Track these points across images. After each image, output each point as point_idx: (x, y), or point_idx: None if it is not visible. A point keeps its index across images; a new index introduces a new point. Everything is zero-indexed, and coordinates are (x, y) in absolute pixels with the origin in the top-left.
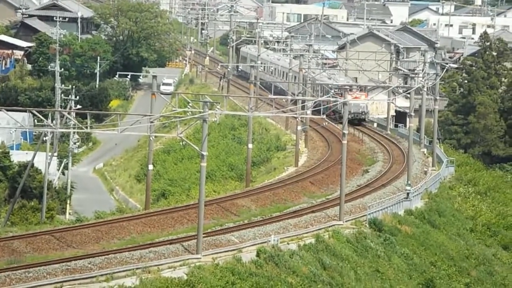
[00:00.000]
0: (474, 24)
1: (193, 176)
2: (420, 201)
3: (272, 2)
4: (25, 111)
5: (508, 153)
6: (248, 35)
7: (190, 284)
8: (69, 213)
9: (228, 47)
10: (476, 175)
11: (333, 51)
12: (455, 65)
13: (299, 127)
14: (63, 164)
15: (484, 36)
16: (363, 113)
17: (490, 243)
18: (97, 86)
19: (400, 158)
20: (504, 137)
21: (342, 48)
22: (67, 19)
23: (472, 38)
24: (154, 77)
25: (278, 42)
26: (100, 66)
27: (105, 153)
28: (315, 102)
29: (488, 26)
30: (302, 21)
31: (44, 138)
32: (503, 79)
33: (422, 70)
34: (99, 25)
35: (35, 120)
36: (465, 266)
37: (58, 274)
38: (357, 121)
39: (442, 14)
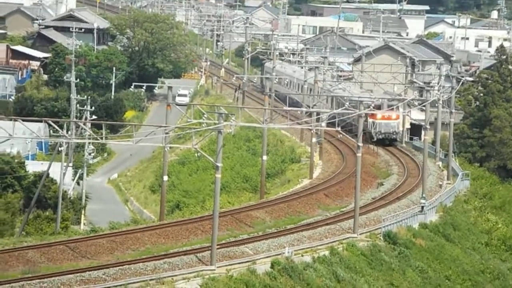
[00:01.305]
0: (490, 38)
1: (208, 187)
2: (435, 215)
3: (288, 14)
4: (40, 121)
5: None
6: (263, 47)
7: None
8: (84, 224)
9: (244, 58)
10: (492, 189)
11: (349, 64)
12: (471, 78)
13: (314, 139)
14: (78, 175)
15: (500, 49)
16: (394, 133)
17: (505, 257)
18: (112, 96)
19: (415, 172)
20: None
21: (357, 60)
22: (83, 30)
23: (488, 52)
24: (170, 88)
25: (293, 54)
26: (115, 77)
27: (120, 164)
28: (330, 115)
29: (505, 40)
30: (317, 33)
31: (60, 149)
32: None
33: (438, 83)
34: (115, 36)
35: (51, 131)
36: (480, 280)
37: (72, 284)
38: (389, 141)
39: (458, 27)
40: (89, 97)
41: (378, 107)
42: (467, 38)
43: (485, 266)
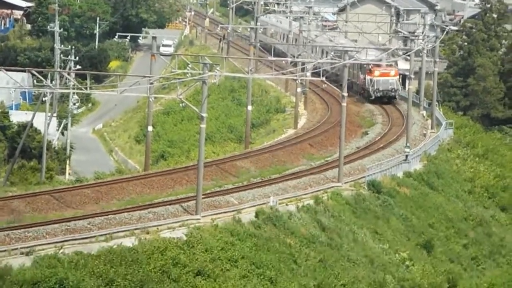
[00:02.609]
0: None
1: (193, 137)
2: (419, 163)
3: None
4: (24, 71)
5: (507, 115)
6: None
7: (189, 244)
8: (69, 174)
9: (228, 8)
10: (475, 137)
11: (333, 14)
12: (455, 28)
13: (299, 89)
14: (62, 125)
15: None
16: (393, 90)
17: (488, 205)
18: (96, 47)
19: (399, 121)
20: (504, 100)
21: (342, 10)
22: None
23: (473, 0)
24: (154, 38)
25: (278, 4)
26: (99, 27)
27: (105, 114)
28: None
29: None
30: None
31: (44, 99)
32: (503, 41)
33: (422, 33)
34: None
35: (35, 81)
36: (463, 227)
37: (57, 234)
38: (387, 99)
39: None
40: (73, 47)
41: (378, 64)
42: None
43: (468, 213)
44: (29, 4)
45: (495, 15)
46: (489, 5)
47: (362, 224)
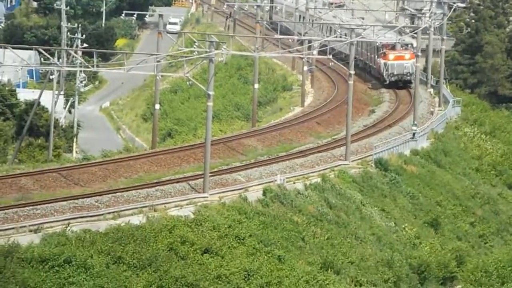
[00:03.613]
0: None
1: (200, 115)
2: (426, 141)
3: None
4: (31, 49)
5: None
6: None
7: (197, 222)
8: (76, 152)
9: None
10: (482, 115)
11: None
12: (463, 5)
13: (305, 68)
14: (69, 103)
15: None
16: (408, 74)
17: (495, 182)
18: (103, 25)
19: (407, 99)
20: (511, 77)
21: None
22: None
23: None
24: (161, 16)
25: None
26: (106, 5)
27: (112, 92)
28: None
29: None
30: None
31: (51, 77)
32: (510, 18)
33: (429, 10)
34: None
35: (42, 59)
36: (471, 205)
37: (65, 211)
38: (402, 83)
39: None
40: (79, 25)
41: (392, 47)
42: None
43: (475, 191)
44: None
45: None
46: None
47: (369, 202)
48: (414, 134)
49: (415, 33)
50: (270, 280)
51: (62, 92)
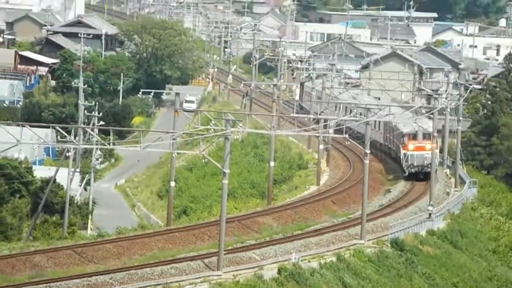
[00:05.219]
0: (498, 46)
1: (215, 193)
2: (442, 222)
3: (296, 21)
4: (48, 127)
5: None
6: (271, 54)
7: None
8: (91, 229)
9: (251, 65)
10: (499, 197)
11: (356, 71)
12: (479, 86)
13: (321, 146)
14: (85, 180)
15: (509, 57)
16: (429, 165)
17: None
18: (120, 103)
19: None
20: None
21: (365, 67)
22: (91, 36)
23: (496, 60)
24: (177, 94)
25: (301, 61)
26: (123, 83)
27: (127, 170)
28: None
29: None
30: (325, 40)
31: (67, 154)
32: None
33: (446, 91)
34: (123, 42)
35: (58, 136)
36: (487, 287)
37: None
38: (423, 175)
39: (466, 35)
40: (96, 103)
41: (414, 136)
42: (475, 46)
43: (492, 273)
44: (54, 61)
45: None
46: None
47: (385, 282)
48: (430, 214)
49: (432, 113)
50: None
51: (78, 170)
